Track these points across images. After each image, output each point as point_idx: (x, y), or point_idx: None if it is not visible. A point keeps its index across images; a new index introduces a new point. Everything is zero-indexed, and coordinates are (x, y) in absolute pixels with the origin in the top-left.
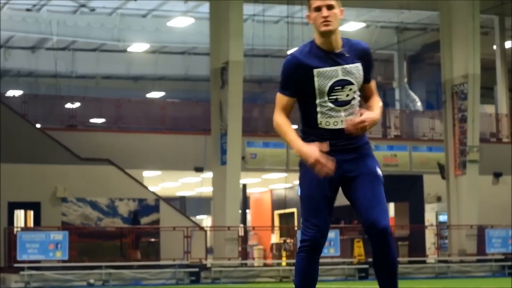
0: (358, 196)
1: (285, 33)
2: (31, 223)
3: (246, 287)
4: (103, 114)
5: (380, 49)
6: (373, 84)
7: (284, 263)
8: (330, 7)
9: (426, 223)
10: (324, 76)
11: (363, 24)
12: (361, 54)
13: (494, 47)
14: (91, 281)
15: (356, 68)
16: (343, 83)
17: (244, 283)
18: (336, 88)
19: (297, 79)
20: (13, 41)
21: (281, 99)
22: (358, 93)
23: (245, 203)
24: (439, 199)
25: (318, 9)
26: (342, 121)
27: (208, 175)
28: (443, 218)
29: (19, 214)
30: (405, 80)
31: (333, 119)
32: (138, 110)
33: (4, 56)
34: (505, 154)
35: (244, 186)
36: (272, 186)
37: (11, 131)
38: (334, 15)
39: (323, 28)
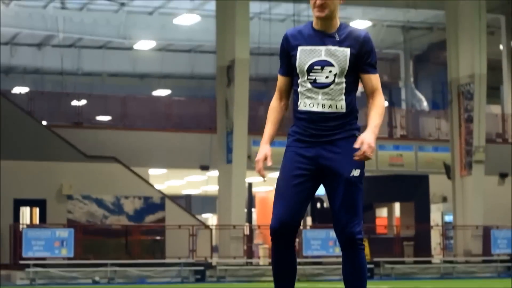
0: (333, 199)
1: None
2: (36, 220)
3: (251, 286)
4: (109, 112)
5: (386, 48)
6: (373, 77)
7: None
8: None
9: (432, 223)
10: (306, 54)
11: (369, 23)
12: (355, 40)
13: (501, 46)
14: (97, 278)
15: (343, 52)
16: (323, 64)
17: (250, 282)
18: (315, 67)
19: (286, 57)
20: (20, 37)
21: (278, 79)
22: (342, 79)
23: (250, 201)
24: (444, 199)
25: None
26: (318, 104)
27: (214, 173)
28: (448, 218)
29: (25, 211)
30: (411, 79)
31: (309, 100)
32: (143, 107)
33: (11, 53)
34: (511, 155)
35: (250, 184)
36: None
37: (17, 128)
38: (331, 2)
39: (316, 14)
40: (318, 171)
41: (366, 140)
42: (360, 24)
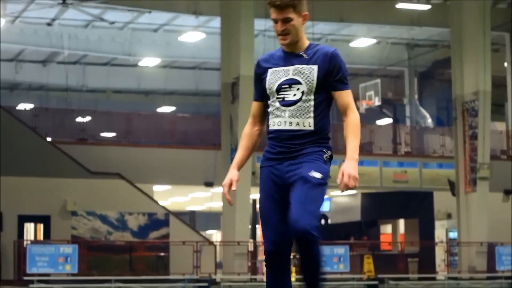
0: (289, 198)
1: None
2: (40, 236)
3: None
4: (114, 128)
5: (391, 66)
6: (344, 93)
7: (293, 279)
8: (286, 20)
9: (436, 240)
10: (275, 75)
11: (374, 40)
12: (322, 58)
13: (505, 64)
14: None
15: (310, 69)
16: (291, 82)
17: None
18: (283, 86)
19: (259, 81)
20: (25, 54)
21: (252, 105)
22: (311, 97)
23: (254, 218)
24: (449, 215)
25: (275, 21)
26: (286, 122)
27: (218, 190)
28: (453, 235)
29: (29, 227)
30: (416, 96)
31: (278, 119)
32: (148, 124)
33: (16, 70)
34: None
35: (254, 201)
36: None
37: (21, 144)
38: (292, 27)
39: (280, 42)
40: (288, 187)
41: (346, 171)
42: (364, 41)
